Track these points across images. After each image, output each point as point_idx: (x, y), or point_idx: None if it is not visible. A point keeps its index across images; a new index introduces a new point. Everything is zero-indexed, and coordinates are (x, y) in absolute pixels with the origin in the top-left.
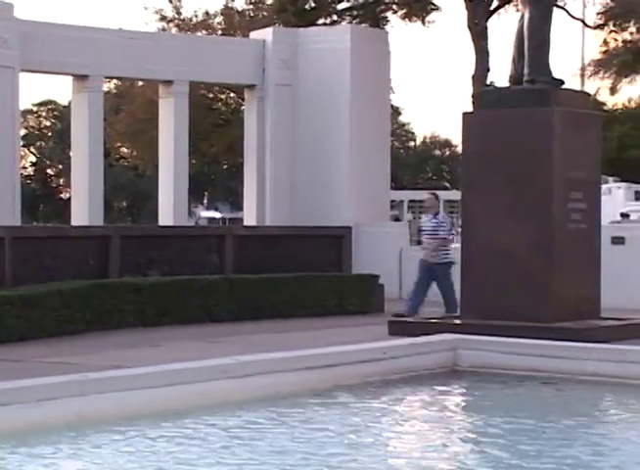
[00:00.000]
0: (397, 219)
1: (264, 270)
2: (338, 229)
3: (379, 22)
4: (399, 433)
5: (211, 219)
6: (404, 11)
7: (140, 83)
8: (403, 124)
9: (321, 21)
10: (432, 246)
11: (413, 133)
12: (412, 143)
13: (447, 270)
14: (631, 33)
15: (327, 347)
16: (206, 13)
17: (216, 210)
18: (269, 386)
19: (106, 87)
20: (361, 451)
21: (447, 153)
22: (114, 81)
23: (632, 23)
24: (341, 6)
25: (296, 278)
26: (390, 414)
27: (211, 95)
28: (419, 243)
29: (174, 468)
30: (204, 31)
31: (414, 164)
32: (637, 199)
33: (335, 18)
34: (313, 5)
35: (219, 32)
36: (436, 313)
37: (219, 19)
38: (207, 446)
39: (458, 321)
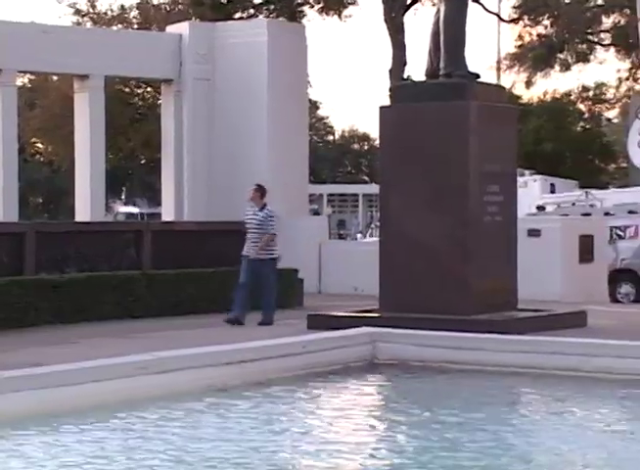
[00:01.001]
0: (317, 213)
1: (183, 266)
2: None
3: (296, 16)
4: (316, 425)
5: (129, 215)
6: (321, 5)
7: (55, 78)
8: (322, 118)
9: (238, 14)
10: (261, 242)
11: (332, 127)
12: (331, 137)
13: (274, 267)
14: (545, 27)
15: (247, 341)
16: (122, 7)
17: (134, 205)
18: (188, 381)
19: (20, 82)
20: (274, 442)
21: (366, 147)
22: (28, 76)
23: (546, 17)
24: (257, 0)
25: (214, 273)
26: (309, 407)
27: (128, 89)
28: (339, 236)
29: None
30: (119, 25)
31: (333, 157)
32: (553, 191)
33: (252, 12)
34: None
35: (135, 26)
36: (356, 307)
37: (135, 12)
38: (126, 441)
39: (377, 314)
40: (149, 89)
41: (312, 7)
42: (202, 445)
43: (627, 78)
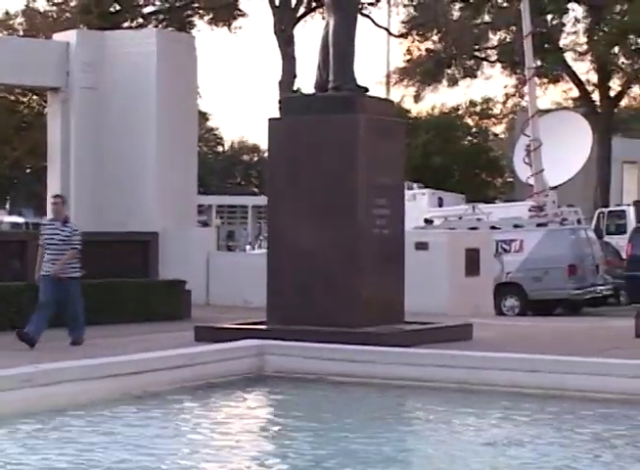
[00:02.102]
0: (205, 224)
1: None
2: (144, 234)
3: (185, 26)
4: (200, 437)
5: (14, 224)
6: (210, 16)
7: None
8: (211, 129)
9: (127, 24)
10: (64, 258)
11: (221, 138)
12: (220, 148)
13: (78, 286)
14: (434, 43)
15: (133, 354)
16: (7, 13)
17: (20, 214)
18: (73, 394)
19: None
20: (156, 457)
21: (256, 158)
22: None
23: (435, 32)
24: (147, 9)
25: (100, 285)
26: (195, 419)
27: (13, 97)
28: (229, 248)
29: None
30: (4, 32)
31: (222, 168)
32: (441, 205)
33: (141, 21)
34: (118, 8)
35: (20, 33)
36: (244, 319)
37: (20, 19)
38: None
39: (265, 327)
40: (35, 97)
41: (202, 18)
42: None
43: (513, 94)
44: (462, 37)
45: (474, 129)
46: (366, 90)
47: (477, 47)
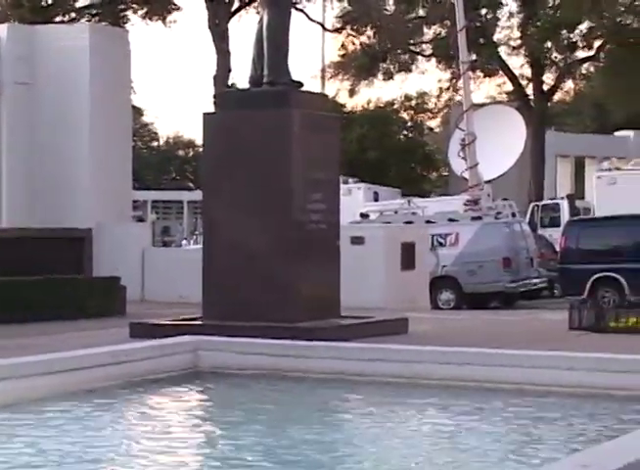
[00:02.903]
0: (141, 220)
1: (1, 274)
2: (78, 231)
3: (119, 20)
4: (135, 433)
5: None
6: (144, 10)
7: None
8: (146, 124)
9: (59, 18)
10: None
11: (156, 133)
12: (155, 143)
13: None
14: (368, 37)
15: (68, 350)
16: None
17: None
18: (5, 392)
19: None
20: (95, 451)
21: (191, 153)
22: None
23: (369, 27)
24: (79, 3)
25: (34, 282)
26: (129, 416)
27: None
28: (164, 244)
29: None
30: None
31: (158, 164)
32: (376, 199)
33: (73, 15)
34: (50, 1)
35: None
36: (180, 315)
37: None
38: None
39: (201, 322)
40: None
41: (136, 12)
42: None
43: (448, 89)
44: (396, 32)
45: (409, 123)
46: (300, 85)
47: (411, 41)
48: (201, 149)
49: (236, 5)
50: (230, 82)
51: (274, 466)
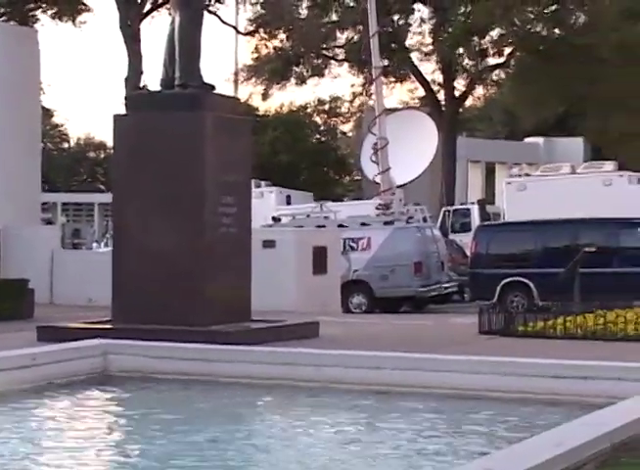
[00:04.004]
0: (50, 222)
1: None
2: None
3: (28, 20)
4: (44, 436)
5: None
6: (54, 10)
7: None
8: (56, 126)
9: None
10: None
11: (67, 135)
12: (66, 144)
13: None
14: (281, 41)
15: None
16: None
17: None
18: None
19: None
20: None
21: (102, 155)
22: None
23: (282, 30)
24: None
25: None
26: (36, 420)
27: None
28: (75, 246)
29: None
30: None
31: (68, 165)
32: (289, 203)
33: None
34: None
35: None
36: (89, 318)
37: None
38: None
39: (110, 326)
40: None
41: (45, 12)
42: None
43: (361, 93)
44: (309, 36)
45: (322, 127)
46: (213, 88)
47: (324, 46)
48: (112, 151)
49: (148, 6)
50: (142, 84)
51: None
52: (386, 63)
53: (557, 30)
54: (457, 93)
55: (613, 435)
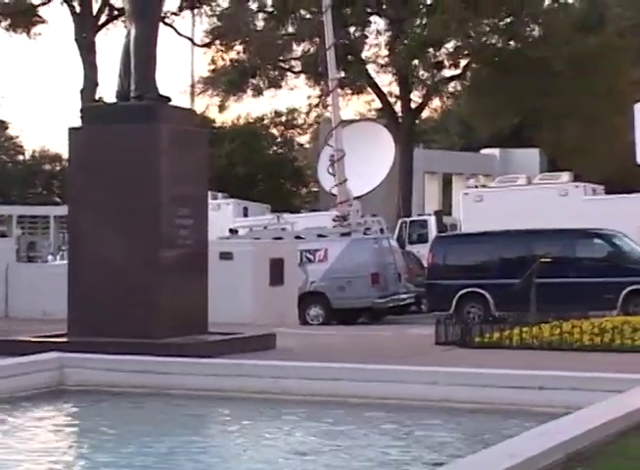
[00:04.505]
0: (4, 235)
1: None
2: None
3: None
4: None
5: None
6: (8, 22)
7: None
8: (11, 138)
9: None
10: None
11: (22, 147)
12: (21, 157)
13: None
14: (238, 53)
15: None
16: None
17: None
18: None
19: None
20: None
21: (58, 167)
22: None
23: (238, 42)
24: None
25: None
26: None
27: None
28: (30, 259)
29: None
30: None
31: (23, 178)
32: (246, 215)
33: None
34: None
35: None
36: (44, 331)
37: None
38: None
39: (66, 339)
40: None
41: None
42: None
43: (317, 105)
44: (266, 48)
45: (279, 139)
46: (168, 99)
47: (281, 58)
48: (67, 163)
49: (103, 18)
50: (97, 96)
51: None
52: (342, 75)
53: (512, 43)
54: (414, 105)
55: (568, 445)
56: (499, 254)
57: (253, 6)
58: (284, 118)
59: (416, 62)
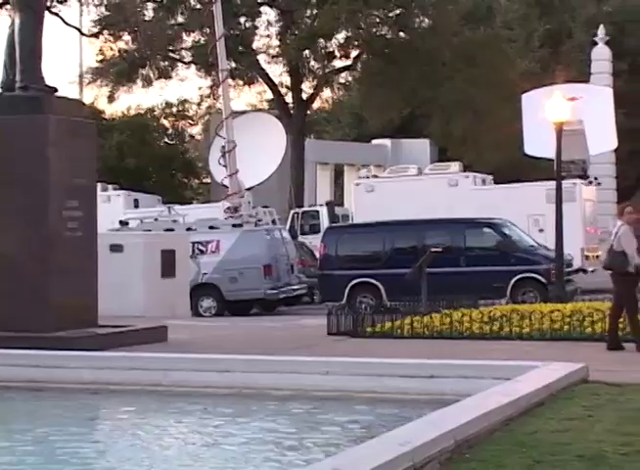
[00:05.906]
0: None
1: None
2: None
3: None
4: None
5: None
6: None
7: None
8: None
9: None
10: None
11: None
12: None
13: None
14: (126, 43)
15: None
16: None
17: None
18: None
19: None
20: None
21: None
22: None
23: (127, 32)
24: None
25: None
26: None
27: None
28: None
29: None
30: None
31: None
32: (137, 207)
33: None
34: None
35: None
36: None
37: None
38: None
39: None
40: None
41: None
42: None
43: (208, 96)
44: (155, 38)
45: (170, 131)
46: (55, 90)
47: (171, 48)
48: None
49: None
50: None
51: None
52: (233, 65)
53: (402, 34)
54: (305, 96)
55: (456, 432)
56: (390, 244)
57: None
58: (175, 110)
59: (307, 52)
